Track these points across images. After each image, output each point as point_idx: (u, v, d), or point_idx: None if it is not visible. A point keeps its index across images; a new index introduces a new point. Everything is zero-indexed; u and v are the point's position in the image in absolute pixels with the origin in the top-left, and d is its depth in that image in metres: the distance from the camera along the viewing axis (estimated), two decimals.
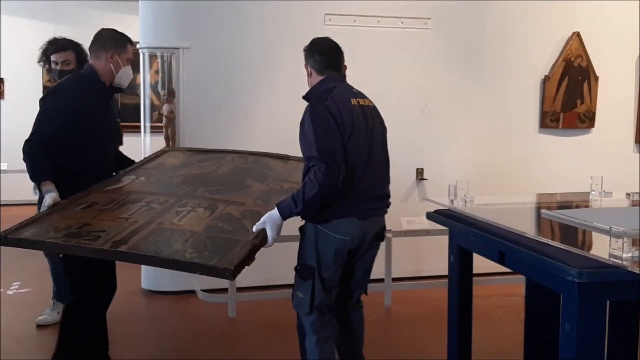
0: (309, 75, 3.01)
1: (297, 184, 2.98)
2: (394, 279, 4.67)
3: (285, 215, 2.70)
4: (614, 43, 5.37)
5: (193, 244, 2.62)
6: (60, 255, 3.03)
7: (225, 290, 4.35)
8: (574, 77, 5.29)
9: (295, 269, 2.95)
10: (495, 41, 5.19)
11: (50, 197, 2.82)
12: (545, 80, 5.26)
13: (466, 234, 2.71)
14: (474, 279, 4.59)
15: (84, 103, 3.03)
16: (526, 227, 2.67)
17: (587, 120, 5.38)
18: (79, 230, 2.66)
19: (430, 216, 3.07)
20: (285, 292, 4.61)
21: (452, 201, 3.03)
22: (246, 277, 4.55)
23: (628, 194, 3.39)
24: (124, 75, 3.16)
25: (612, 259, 2.01)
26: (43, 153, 2.92)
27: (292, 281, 3.01)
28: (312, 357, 2.90)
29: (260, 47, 4.76)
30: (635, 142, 5.56)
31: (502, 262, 2.52)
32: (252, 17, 4.74)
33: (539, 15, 5.23)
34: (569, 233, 2.57)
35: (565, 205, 3.26)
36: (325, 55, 2.97)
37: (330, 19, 4.83)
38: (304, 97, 2.97)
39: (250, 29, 4.74)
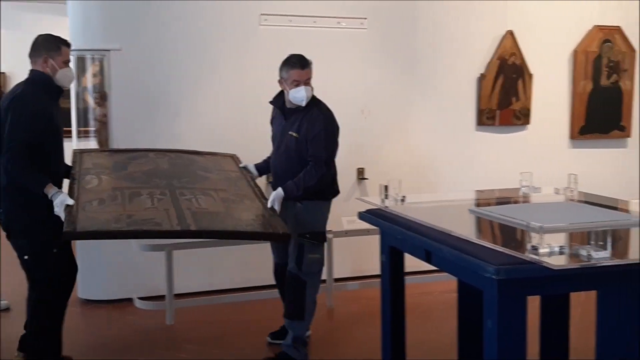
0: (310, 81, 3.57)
1: (233, 172, 3.76)
2: (336, 280, 4.66)
3: (289, 195, 3.45)
4: (546, 41, 5.48)
5: (237, 220, 3.17)
6: (25, 257, 3.20)
7: (162, 297, 4.26)
8: (508, 75, 5.38)
9: (305, 236, 3.51)
10: (430, 40, 5.23)
11: (63, 196, 3.04)
12: (481, 78, 5.34)
13: (395, 233, 2.71)
14: (416, 276, 4.64)
15: (48, 105, 3.21)
16: (453, 224, 2.68)
17: (522, 117, 5.48)
18: (131, 220, 2.94)
19: (362, 216, 3.06)
20: (225, 297, 4.60)
21: (383, 200, 3.04)
22: (184, 282, 4.53)
23: (557, 189, 3.46)
24: (63, 77, 3.27)
25: (529, 255, 2.04)
26: (27, 160, 3.05)
27: (232, 286, 3.07)
28: (312, 306, 3.60)
29: (194, 47, 4.69)
30: (570, 137, 5.69)
31: (428, 260, 2.53)
32: (186, 17, 4.65)
33: (473, 14, 5.31)
34: (495, 230, 2.60)
35: (495, 201, 3.31)
36: None
37: (265, 19, 4.79)
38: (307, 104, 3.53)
39: (184, 29, 4.66)
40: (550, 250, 2.07)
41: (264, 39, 4.80)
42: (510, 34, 5.33)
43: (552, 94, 5.56)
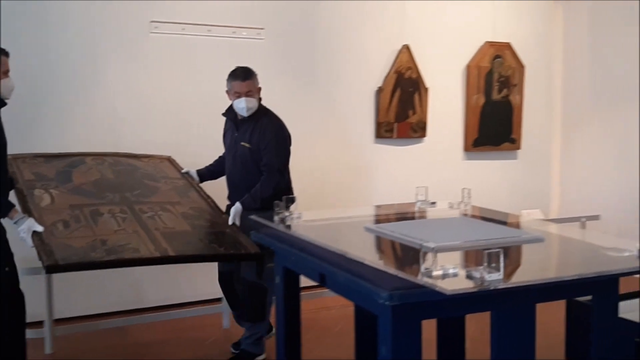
0: (257, 92, 3.67)
1: (178, 180, 3.81)
2: None
3: (248, 208, 3.46)
4: (441, 55, 5.58)
5: (207, 240, 3.29)
6: None
7: (40, 323, 3.92)
8: (405, 89, 5.42)
9: (263, 247, 3.28)
10: (329, 53, 5.19)
11: (30, 222, 2.96)
12: (379, 91, 5.35)
13: (289, 255, 2.59)
14: (320, 290, 4.53)
15: None
16: (349, 244, 2.60)
17: (419, 130, 5.53)
18: (107, 247, 2.92)
19: (254, 236, 2.92)
20: (110, 321, 4.30)
21: (277, 219, 2.91)
22: (63, 307, 4.19)
23: (451, 204, 3.47)
24: (4, 88, 3.10)
25: (423, 279, 1.97)
26: None
27: (119, 308, 2.85)
28: (269, 305, 3.62)
29: (82, 53, 4.38)
30: (464, 149, 5.82)
31: (323, 283, 2.42)
32: (74, 21, 4.34)
33: (371, 28, 5.31)
34: (390, 249, 2.53)
35: (393, 217, 3.26)
36: None
37: (156, 27, 4.56)
38: (249, 116, 3.60)
39: (72, 34, 4.34)
40: (444, 272, 2.02)
41: (154, 47, 4.57)
42: (407, 48, 5.38)
43: (447, 107, 5.66)
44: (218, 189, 3.88)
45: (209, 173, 3.92)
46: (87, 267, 2.88)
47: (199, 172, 3.91)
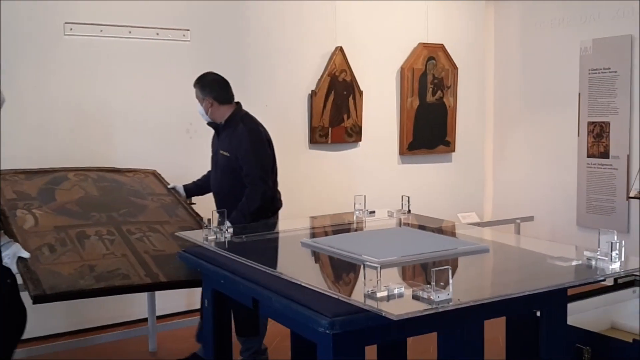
0: (210, 105, 3.51)
1: (165, 196, 3.66)
2: (161, 317, 4.20)
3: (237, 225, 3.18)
4: (375, 58, 5.46)
5: None
6: None
7: None
8: (339, 92, 5.27)
9: None
10: (260, 55, 4.98)
11: (15, 247, 2.81)
12: (312, 95, 5.17)
13: (218, 277, 2.36)
14: None
15: None
16: (284, 262, 2.40)
17: (354, 135, 5.39)
18: (97, 273, 2.79)
19: (181, 256, 2.67)
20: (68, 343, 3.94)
21: (206, 236, 2.68)
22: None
23: (390, 212, 3.32)
24: None
25: (367, 303, 1.79)
26: None
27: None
28: (265, 319, 3.47)
29: None
30: (400, 153, 5.72)
31: (257, 309, 2.21)
32: None
33: (304, 30, 5.14)
34: (329, 267, 2.35)
35: (330, 229, 3.09)
36: (225, 88, 3.59)
37: (71, 29, 4.22)
38: (225, 123, 3.50)
39: None
40: (389, 293, 1.85)
41: (69, 50, 4.23)
42: (340, 50, 5.22)
43: (381, 110, 5.55)
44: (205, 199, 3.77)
45: (196, 188, 3.81)
46: (76, 296, 2.76)
47: (185, 187, 3.80)
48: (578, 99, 5.44)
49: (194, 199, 3.89)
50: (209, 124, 3.60)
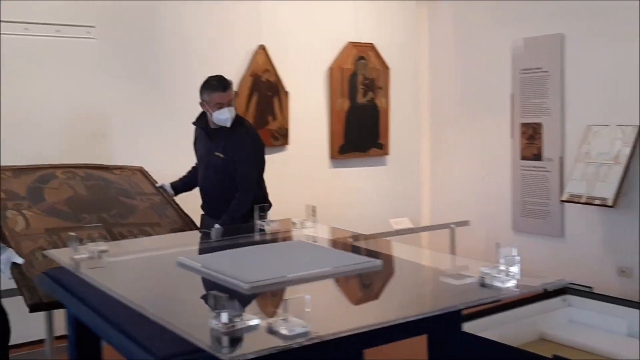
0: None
1: (154, 195, 3.62)
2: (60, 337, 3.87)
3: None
4: (301, 57, 5.21)
5: None
6: None
7: None
8: (263, 93, 5.00)
9: None
10: (175, 55, 4.68)
11: (9, 252, 2.73)
12: (234, 96, 4.88)
13: (70, 304, 2.07)
14: None
15: None
16: (148, 285, 2.12)
17: (281, 138, 5.13)
18: None
19: (41, 278, 2.37)
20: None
21: (72, 256, 2.38)
22: None
23: (294, 223, 3.07)
24: None
25: (203, 338, 1.52)
26: None
27: None
28: None
29: None
30: (330, 157, 5.48)
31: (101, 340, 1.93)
32: None
33: (223, 27, 4.86)
34: (195, 291, 2.08)
35: (224, 243, 2.82)
36: None
37: None
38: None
39: None
40: (243, 325, 1.59)
41: None
42: (263, 49, 4.96)
43: (310, 112, 5.30)
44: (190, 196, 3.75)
45: (183, 185, 3.80)
46: None
47: (173, 185, 3.78)
48: (511, 100, 5.29)
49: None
50: (198, 124, 3.66)
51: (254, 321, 1.61)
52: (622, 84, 4.58)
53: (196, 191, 3.77)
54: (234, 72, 4.88)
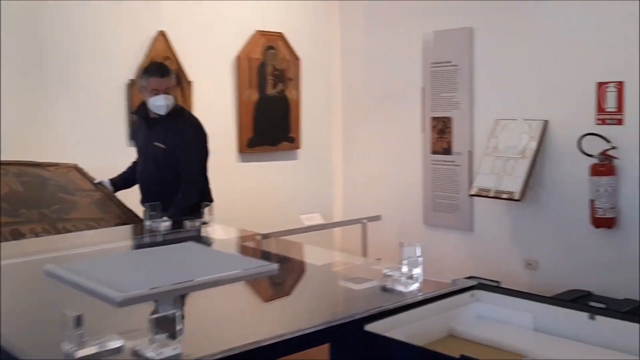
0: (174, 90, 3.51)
1: (92, 191, 3.48)
2: None
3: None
4: (205, 44, 4.94)
5: None
6: None
7: None
8: None
9: None
10: (66, 41, 4.30)
11: None
12: (131, 85, 4.56)
13: None
14: None
15: None
16: (10, 298, 1.84)
17: None
18: None
19: None
20: None
21: None
22: None
23: (185, 223, 2.83)
24: None
25: None
26: None
27: None
28: None
29: None
30: (239, 151, 5.24)
31: None
32: None
33: (119, 12, 4.51)
34: (60, 305, 1.81)
35: (104, 248, 2.54)
36: None
37: None
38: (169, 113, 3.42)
39: None
40: (102, 348, 1.35)
41: None
42: (163, 35, 4.66)
43: (216, 103, 5.03)
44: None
45: (122, 181, 3.71)
46: None
47: (112, 181, 3.69)
48: (422, 93, 5.23)
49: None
50: (138, 113, 3.55)
51: (116, 343, 1.38)
52: (529, 78, 4.59)
53: (135, 188, 3.69)
54: (131, 60, 4.56)
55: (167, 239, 2.70)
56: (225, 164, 5.14)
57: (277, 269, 2.06)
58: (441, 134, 5.13)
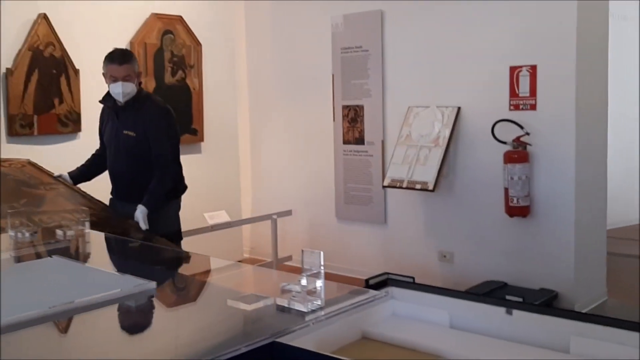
0: (136, 77, 3.37)
1: (56, 185, 3.36)
2: None
3: (152, 208, 3.27)
4: (95, 29, 4.49)
5: None
6: None
7: None
8: (46, 71, 4.22)
9: (169, 236, 3.18)
10: None
11: None
12: (8, 74, 4.06)
13: None
14: None
15: None
16: None
17: (71, 123, 4.38)
18: None
19: None
20: None
21: None
22: None
23: (58, 232, 2.44)
24: None
25: None
26: None
27: None
28: None
29: None
30: None
31: None
32: None
33: None
34: None
35: None
36: None
37: None
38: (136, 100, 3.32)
39: None
40: None
41: None
42: (44, 18, 4.17)
43: (102, 93, 4.57)
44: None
45: (81, 175, 3.60)
46: None
47: (70, 174, 3.55)
48: (332, 81, 4.98)
49: None
50: (105, 102, 3.44)
51: None
52: (441, 64, 4.43)
53: (101, 177, 3.60)
54: (9, 45, 4.07)
55: (38, 251, 2.31)
56: None
57: (155, 289, 1.74)
58: (353, 122, 4.90)
